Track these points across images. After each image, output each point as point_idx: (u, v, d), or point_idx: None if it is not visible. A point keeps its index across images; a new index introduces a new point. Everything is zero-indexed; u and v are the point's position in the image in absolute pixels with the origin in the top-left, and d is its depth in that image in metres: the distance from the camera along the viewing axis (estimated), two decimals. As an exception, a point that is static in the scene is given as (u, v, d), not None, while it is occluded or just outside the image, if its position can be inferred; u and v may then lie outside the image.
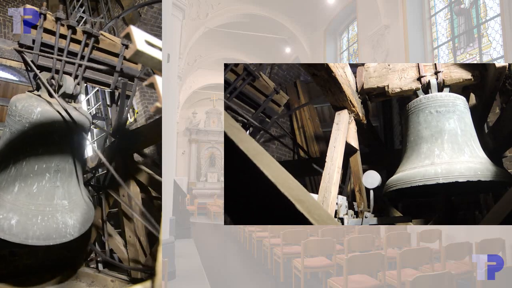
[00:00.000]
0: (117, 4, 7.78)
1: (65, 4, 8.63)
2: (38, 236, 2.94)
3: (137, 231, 3.76)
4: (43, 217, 3.02)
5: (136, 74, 3.80)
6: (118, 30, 7.58)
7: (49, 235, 3.00)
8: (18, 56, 3.21)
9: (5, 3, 7.90)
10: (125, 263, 3.82)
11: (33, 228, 2.93)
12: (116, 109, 3.91)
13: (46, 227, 3.00)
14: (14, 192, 2.99)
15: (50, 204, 3.10)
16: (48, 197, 3.10)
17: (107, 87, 3.78)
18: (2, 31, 7.74)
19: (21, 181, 3.02)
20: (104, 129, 4.32)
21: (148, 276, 3.50)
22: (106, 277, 3.83)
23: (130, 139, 3.89)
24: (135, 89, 4.02)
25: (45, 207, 3.07)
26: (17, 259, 3.81)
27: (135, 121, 7.33)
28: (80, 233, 3.28)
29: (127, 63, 3.71)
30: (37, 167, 3.07)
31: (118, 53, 3.62)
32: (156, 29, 7.14)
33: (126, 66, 3.71)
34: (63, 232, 3.09)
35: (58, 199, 3.17)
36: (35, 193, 3.05)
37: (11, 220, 2.87)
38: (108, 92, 4.29)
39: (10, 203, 2.94)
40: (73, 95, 3.32)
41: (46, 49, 3.19)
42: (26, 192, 3.02)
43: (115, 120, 3.87)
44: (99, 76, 3.66)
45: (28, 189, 3.03)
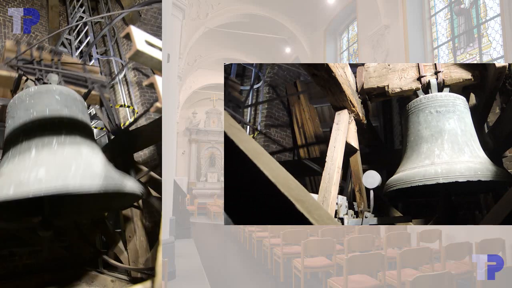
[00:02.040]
0: (117, 4, 7.78)
1: (65, 4, 8.63)
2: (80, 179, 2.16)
3: (137, 232, 3.76)
4: (78, 166, 2.34)
5: (104, 83, 4.10)
6: (118, 30, 7.59)
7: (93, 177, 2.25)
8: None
9: (5, 3, 7.90)
10: (125, 263, 3.81)
11: (69, 174, 2.23)
12: (102, 110, 4.03)
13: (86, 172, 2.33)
14: (31, 156, 2.42)
15: (80, 157, 2.50)
16: (74, 151, 2.53)
17: (85, 88, 3.97)
18: (2, 31, 7.74)
19: (37, 143, 2.50)
20: (104, 129, 4.33)
21: (148, 276, 3.50)
22: (106, 277, 3.83)
23: (130, 139, 3.89)
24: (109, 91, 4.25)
25: (76, 158, 2.47)
26: (17, 259, 3.81)
27: (135, 121, 7.32)
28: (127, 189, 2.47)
29: (94, 75, 4.07)
30: (49, 126, 2.59)
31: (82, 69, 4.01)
32: (156, 29, 7.14)
33: (93, 78, 4.03)
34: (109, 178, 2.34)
35: (88, 154, 2.58)
36: (56, 149, 2.48)
37: (37, 173, 2.18)
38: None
39: (30, 164, 2.34)
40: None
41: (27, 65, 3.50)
42: (46, 151, 2.46)
43: (107, 121, 3.95)
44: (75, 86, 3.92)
45: (47, 148, 2.48)
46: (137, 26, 1.79)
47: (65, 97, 2.98)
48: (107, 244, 4.00)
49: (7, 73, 3.60)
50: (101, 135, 6.22)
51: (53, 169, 2.24)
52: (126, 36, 1.65)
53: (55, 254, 4.01)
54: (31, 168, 2.24)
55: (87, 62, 4.23)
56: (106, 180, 2.26)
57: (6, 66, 3.32)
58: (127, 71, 7.11)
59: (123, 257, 3.87)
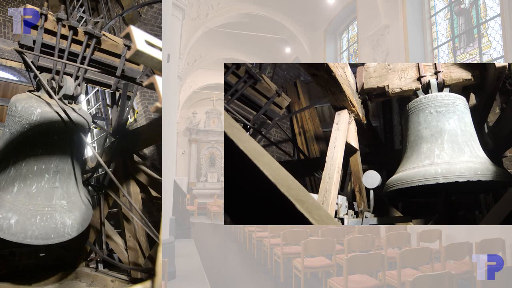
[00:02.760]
0: (117, 4, 7.78)
1: (65, 4, 8.63)
2: (36, 236, 2.98)
3: (137, 232, 3.76)
4: (42, 217, 3.05)
5: (137, 76, 3.73)
6: (118, 30, 7.58)
7: (48, 235, 3.03)
8: (18, 57, 3.16)
9: (5, 3, 7.90)
10: (125, 263, 3.81)
11: (31, 227, 2.97)
12: (117, 109, 3.91)
13: (45, 227, 3.03)
14: (13, 192, 3.01)
15: (49, 204, 3.13)
16: (47, 197, 3.13)
17: (108, 88, 3.77)
18: (2, 31, 7.73)
19: (21, 181, 3.05)
20: (104, 129, 4.32)
21: (148, 276, 3.50)
22: (106, 277, 3.83)
23: (130, 139, 3.89)
24: (136, 90, 4.01)
25: (44, 207, 3.10)
26: (17, 259, 3.81)
27: (135, 121, 7.33)
28: (78, 232, 3.31)
29: (129, 64, 3.63)
30: (36, 167, 3.09)
31: (119, 54, 3.53)
32: (156, 29, 7.14)
33: (128, 67, 3.63)
34: (61, 231, 3.13)
35: (57, 199, 3.20)
36: (34, 193, 3.07)
37: (10, 220, 2.91)
38: (109, 93, 4.28)
39: (9, 203, 2.96)
40: (73, 96, 3.31)
41: (47, 50, 3.14)
42: (26, 192, 3.04)
43: (116, 120, 3.87)
44: (100, 77, 3.64)
45: (27, 189, 3.05)
46: (137, 26, 1.79)
47: (63, 138, 3.19)
48: (107, 244, 4.00)
49: (18, 65, 3.50)
50: (101, 135, 6.22)
51: (21, 221, 2.94)
52: (126, 36, 1.64)
53: (55, 254, 4.01)
54: (8, 211, 2.93)
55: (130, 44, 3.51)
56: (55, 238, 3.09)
57: (18, 55, 3.05)
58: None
59: (123, 257, 3.87)
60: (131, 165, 3.86)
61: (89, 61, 3.31)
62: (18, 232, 2.90)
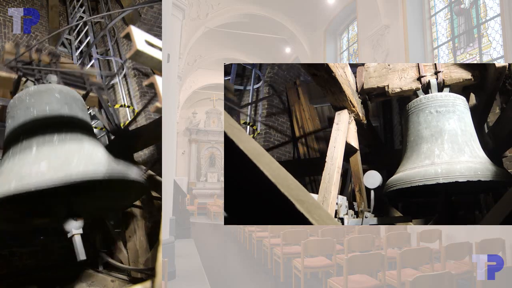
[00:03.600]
0: (117, 4, 7.78)
1: (65, 4, 8.63)
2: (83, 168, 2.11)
3: (137, 232, 3.76)
4: (80, 157, 2.29)
5: (102, 86, 4.10)
6: (118, 30, 7.59)
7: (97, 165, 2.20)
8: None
9: (5, 3, 7.90)
10: (125, 263, 3.81)
11: (72, 163, 2.18)
12: (101, 112, 4.04)
13: (89, 162, 2.28)
14: (32, 152, 2.36)
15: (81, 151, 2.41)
16: (76, 145, 2.48)
17: (83, 90, 4.00)
18: (2, 31, 7.73)
19: (38, 140, 2.42)
20: (104, 129, 4.34)
21: (148, 276, 3.50)
22: (106, 277, 3.82)
23: (130, 139, 3.89)
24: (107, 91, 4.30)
25: (78, 150, 2.40)
26: (17, 259, 3.81)
27: (135, 121, 7.33)
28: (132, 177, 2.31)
29: (91, 77, 4.05)
30: (49, 124, 2.56)
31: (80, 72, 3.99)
32: (156, 29, 7.14)
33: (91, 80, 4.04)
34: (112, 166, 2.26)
35: (89, 147, 2.49)
36: (57, 144, 2.39)
37: (39, 167, 2.13)
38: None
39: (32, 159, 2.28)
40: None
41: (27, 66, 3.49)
42: (47, 146, 2.38)
43: (107, 122, 3.95)
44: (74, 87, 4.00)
45: (48, 144, 2.39)
46: (137, 26, 1.79)
47: (65, 95, 2.98)
48: (107, 244, 4.00)
49: (7, 75, 3.62)
50: (101, 135, 6.22)
51: (55, 162, 2.18)
52: (126, 36, 1.65)
53: (55, 254, 4.01)
54: (33, 163, 2.19)
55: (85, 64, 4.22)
56: (110, 167, 2.19)
57: (6, 67, 3.32)
58: (127, 71, 7.11)
59: (123, 257, 3.87)
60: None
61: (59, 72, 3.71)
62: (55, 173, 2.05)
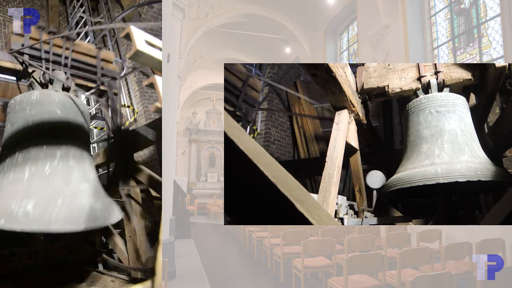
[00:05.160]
0: (117, 4, 7.78)
1: (65, 4, 8.63)
2: (62, 219, 2.33)
3: (137, 232, 3.76)
4: (64, 200, 2.48)
5: (116, 75, 4.01)
6: (118, 30, 7.58)
7: (76, 218, 2.44)
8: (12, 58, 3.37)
9: (5, 3, 7.90)
10: (125, 263, 3.81)
11: (54, 210, 2.37)
12: (109, 108, 3.97)
13: (70, 210, 2.47)
14: (24, 179, 2.55)
15: (68, 187, 2.62)
16: (64, 179, 2.65)
17: (93, 83, 3.91)
18: (2, 31, 7.74)
19: (31, 165, 2.61)
20: (104, 129, 4.33)
21: (148, 276, 3.50)
22: (106, 277, 3.83)
23: (130, 139, 3.89)
24: (119, 87, 4.16)
25: (63, 189, 2.58)
26: (17, 259, 3.81)
27: (135, 121, 7.33)
28: (111, 222, 2.73)
29: (106, 64, 3.95)
30: (45, 147, 2.68)
31: (95, 56, 3.89)
32: (156, 29, 7.14)
33: (106, 68, 3.94)
34: (92, 216, 2.52)
35: (76, 181, 2.69)
36: (48, 175, 2.60)
37: (26, 206, 2.33)
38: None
39: (22, 192, 2.46)
40: (66, 88, 3.43)
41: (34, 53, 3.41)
42: (39, 176, 2.58)
43: (110, 119, 3.91)
44: (84, 80, 3.87)
45: (40, 172, 2.60)
46: (137, 26, 1.79)
47: (66, 111, 3.06)
48: (107, 244, 4.00)
49: (11, 65, 3.59)
50: (101, 135, 6.22)
51: (39, 205, 2.38)
52: (126, 36, 1.65)
53: (55, 254, 4.01)
54: (22, 199, 2.38)
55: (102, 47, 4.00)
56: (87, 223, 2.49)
57: (11, 56, 3.24)
58: (127, 71, 7.11)
59: (123, 257, 3.86)
60: (131, 165, 3.85)
61: (70, 60, 3.62)
62: (38, 218, 2.29)
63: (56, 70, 3.44)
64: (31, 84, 3.31)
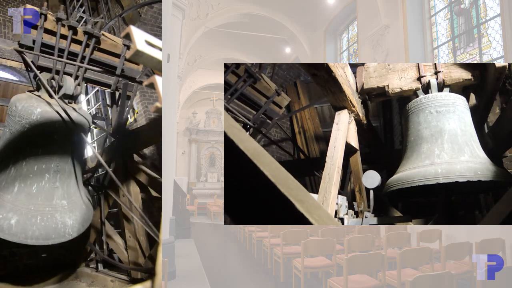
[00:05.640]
0: (117, 4, 7.78)
1: (65, 4, 8.63)
2: (37, 236, 2.96)
3: (137, 232, 3.76)
4: (42, 217, 3.04)
5: (137, 75, 3.80)
6: (118, 30, 7.58)
7: (48, 235, 3.03)
8: (18, 56, 3.22)
9: (5, 3, 7.89)
10: (125, 263, 3.81)
11: (32, 228, 2.95)
12: (117, 109, 3.91)
13: (45, 227, 3.01)
14: (14, 192, 3.00)
15: (50, 204, 3.12)
16: (47, 197, 3.12)
17: (107, 87, 3.78)
18: (2, 31, 7.73)
19: (21, 181, 3.03)
20: (104, 129, 4.32)
21: (148, 276, 3.50)
22: (106, 277, 3.83)
23: (130, 139, 3.89)
24: (135, 90, 4.02)
25: (45, 207, 3.09)
26: (17, 259, 3.81)
27: (135, 121, 7.33)
28: (79, 233, 3.30)
29: (128, 64, 3.69)
30: (36, 167, 3.08)
31: (119, 54, 3.58)
32: (156, 29, 7.14)
33: (127, 67, 3.69)
34: (62, 232, 3.12)
35: (58, 199, 3.19)
36: (34, 193, 3.06)
37: (10, 220, 2.89)
38: (108, 92, 4.29)
39: (10, 203, 2.95)
40: (73, 96, 3.33)
41: (47, 49, 3.17)
42: (26, 192, 3.03)
43: (115, 120, 3.87)
44: (100, 77, 3.66)
45: (27, 189, 3.04)
46: (137, 26, 1.79)
47: (63, 138, 3.18)
48: (107, 244, 4.00)
49: (17, 64, 3.52)
50: (101, 135, 6.22)
51: (21, 222, 2.93)
52: (126, 36, 1.65)
53: (55, 254, 4.01)
54: (8, 212, 2.92)
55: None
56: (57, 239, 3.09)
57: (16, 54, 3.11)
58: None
59: (123, 257, 3.86)
60: (131, 165, 3.85)
61: (88, 60, 3.35)
62: (18, 233, 2.89)
63: (65, 76, 3.25)
64: (38, 87, 3.25)
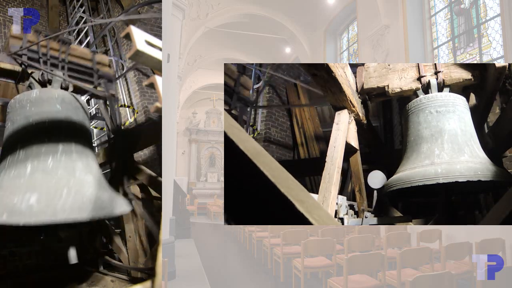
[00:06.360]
0: (117, 4, 7.78)
1: (65, 4, 8.63)
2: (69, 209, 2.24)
3: (137, 231, 3.76)
4: (70, 190, 2.41)
5: (112, 78, 4.07)
6: (118, 30, 7.58)
7: (84, 206, 2.35)
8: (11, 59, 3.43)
9: (5, 3, 7.90)
10: (125, 263, 3.81)
11: (59, 201, 2.29)
12: (108, 109, 3.99)
13: (76, 200, 2.39)
14: (26, 174, 2.50)
15: (73, 177, 2.58)
16: (68, 171, 2.60)
17: (90, 84, 3.93)
18: (2, 31, 7.73)
19: (33, 160, 2.57)
20: (104, 129, 4.33)
21: (148, 276, 3.50)
22: (106, 277, 3.83)
23: (130, 139, 3.89)
24: (115, 88, 4.25)
25: (68, 180, 2.52)
26: (17, 259, 3.81)
27: (135, 121, 7.33)
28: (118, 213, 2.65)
29: (102, 67, 4.05)
30: (47, 142, 2.66)
31: (91, 59, 3.99)
32: (156, 29, 7.14)
33: (102, 71, 4.03)
34: (99, 204, 2.44)
35: (81, 172, 2.65)
36: (51, 167, 2.56)
37: (29, 200, 2.25)
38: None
39: (24, 186, 2.40)
40: (65, 88, 3.46)
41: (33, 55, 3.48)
42: (41, 169, 2.54)
43: (109, 119, 3.92)
44: (82, 81, 3.92)
45: (42, 166, 2.55)
46: (137, 26, 1.79)
47: (67, 105, 3.06)
48: (107, 244, 4.00)
49: (11, 66, 3.62)
50: (101, 135, 6.22)
51: (44, 197, 2.29)
52: (126, 36, 1.65)
53: (55, 254, 4.01)
54: (24, 193, 2.30)
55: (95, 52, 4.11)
56: (94, 211, 2.39)
57: (10, 58, 3.30)
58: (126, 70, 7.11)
59: (123, 257, 3.86)
60: (131, 165, 3.85)
61: (67, 63, 3.72)
62: (42, 210, 2.19)
63: (54, 70, 3.50)
64: (30, 85, 3.34)
